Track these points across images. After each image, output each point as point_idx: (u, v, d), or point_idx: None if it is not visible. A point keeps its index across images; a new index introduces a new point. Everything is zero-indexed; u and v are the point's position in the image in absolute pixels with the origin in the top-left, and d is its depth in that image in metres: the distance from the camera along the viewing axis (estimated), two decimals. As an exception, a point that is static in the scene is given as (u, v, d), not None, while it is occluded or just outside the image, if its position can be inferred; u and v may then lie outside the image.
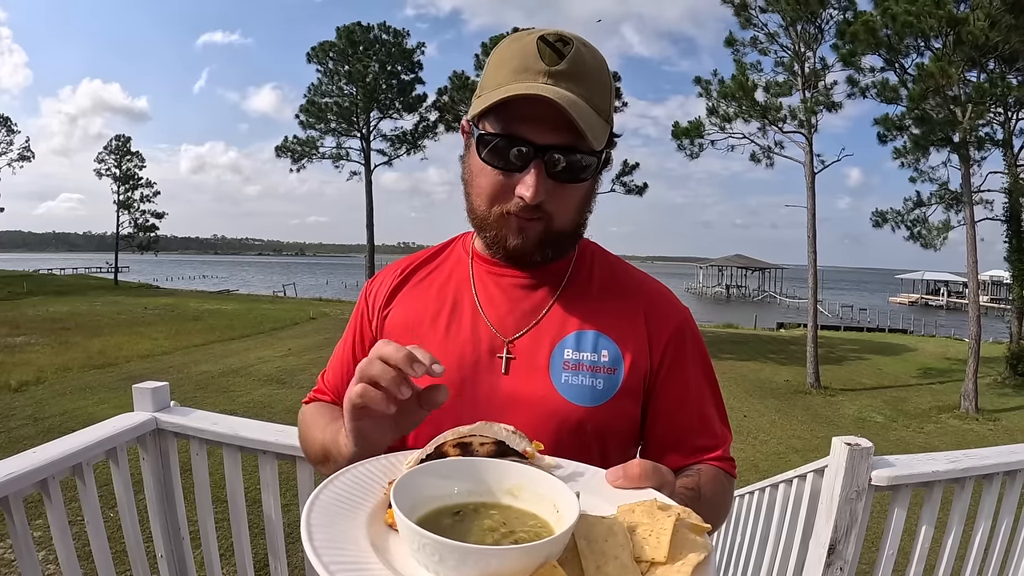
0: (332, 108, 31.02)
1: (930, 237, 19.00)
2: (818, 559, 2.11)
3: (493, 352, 1.11)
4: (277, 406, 11.55)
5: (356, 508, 0.72)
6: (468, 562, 0.57)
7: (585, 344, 1.10)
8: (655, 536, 0.64)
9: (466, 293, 1.17)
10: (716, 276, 68.10)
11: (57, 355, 15.38)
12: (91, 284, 44.85)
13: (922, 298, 58.71)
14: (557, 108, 0.93)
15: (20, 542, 1.76)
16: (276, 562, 2.29)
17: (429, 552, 0.58)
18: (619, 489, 0.81)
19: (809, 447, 10.86)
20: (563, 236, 1.08)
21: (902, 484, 2.13)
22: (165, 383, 2.30)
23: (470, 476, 0.74)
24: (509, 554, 0.58)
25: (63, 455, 1.87)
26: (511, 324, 1.12)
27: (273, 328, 22.86)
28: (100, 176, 44.52)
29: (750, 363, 20.54)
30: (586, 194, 1.08)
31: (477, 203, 1.06)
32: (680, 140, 20.69)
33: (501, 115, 0.99)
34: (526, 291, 1.15)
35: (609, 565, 0.62)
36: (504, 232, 1.05)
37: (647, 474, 0.81)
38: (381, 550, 0.65)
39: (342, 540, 0.64)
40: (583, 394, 1.07)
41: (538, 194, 0.98)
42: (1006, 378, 18.41)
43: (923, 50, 16.61)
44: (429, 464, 0.74)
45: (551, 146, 0.97)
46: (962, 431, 13.34)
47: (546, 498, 0.71)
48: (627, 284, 1.19)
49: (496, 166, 1.01)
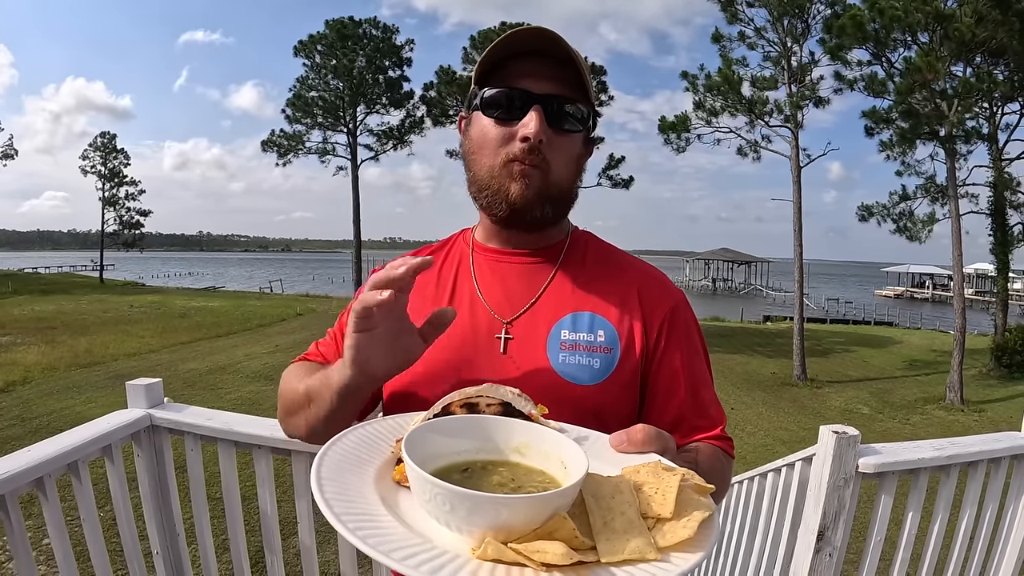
0: (319, 102, 30.88)
1: (915, 230, 19.19)
2: (807, 546, 2.15)
3: (491, 333, 1.15)
4: (266, 403, 11.52)
5: (364, 465, 0.74)
6: (479, 511, 0.58)
7: (581, 325, 1.14)
8: (661, 493, 0.66)
9: (466, 279, 1.23)
10: (702, 270, 68.25)
11: (43, 354, 15.23)
12: (76, 282, 44.40)
13: (907, 291, 59.06)
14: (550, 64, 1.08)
15: (17, 541, 1.76)
16: (272, 556, 2.30)
17: (440, 502, 0.59)
18: (623, 454, 0.83)
19: (796, 439, 10.93)
20: (560, 192, 1.14)
21: (888, 471, 2.17)
22: (159, 379, 2.31)
23: (478, 434, 0.75)
24: (519, 503, 0.59)
25: (59, 452, 1.87)
26: (508, 306, 1.17)
27: (260, 325, 22.73)
28: (85, 174, 44.09)
29: (737, 356, 20.64)
30: (579, 152, 1.17)
31: (481, 162, 1.14)
32: (667, 134, 20.75)
33: (502, 75, 1.10)
34: (523, 275, 1.21)
35: (616, 520, 0.63)
36: (506, 184, 1.11)
37: (651, 439, 0.83)
38: (390, 505, 0.67)
39: (351, 494, 0.66)
40: (580, 373, 1.11)
41: (540, 132, 1.06)
42: (991, 370, 18.58)
43: (910, 44, 16.72)
44: (438, 420, 0.74)
45: (549, 95, 1.08)
46: (948, 422, 13.45)
47: (553, 455, 0.72)
48: (622, 267, 1.24)
49: (499, 117, 1.10)
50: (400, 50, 32.04)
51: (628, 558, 0.59)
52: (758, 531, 2.83)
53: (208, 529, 2.35)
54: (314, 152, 31.89)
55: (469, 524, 0.59)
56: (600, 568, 0.59)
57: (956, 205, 17.20)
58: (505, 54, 1.09)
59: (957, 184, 17.47)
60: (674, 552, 0.62)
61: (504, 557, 0.58)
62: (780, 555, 2.44)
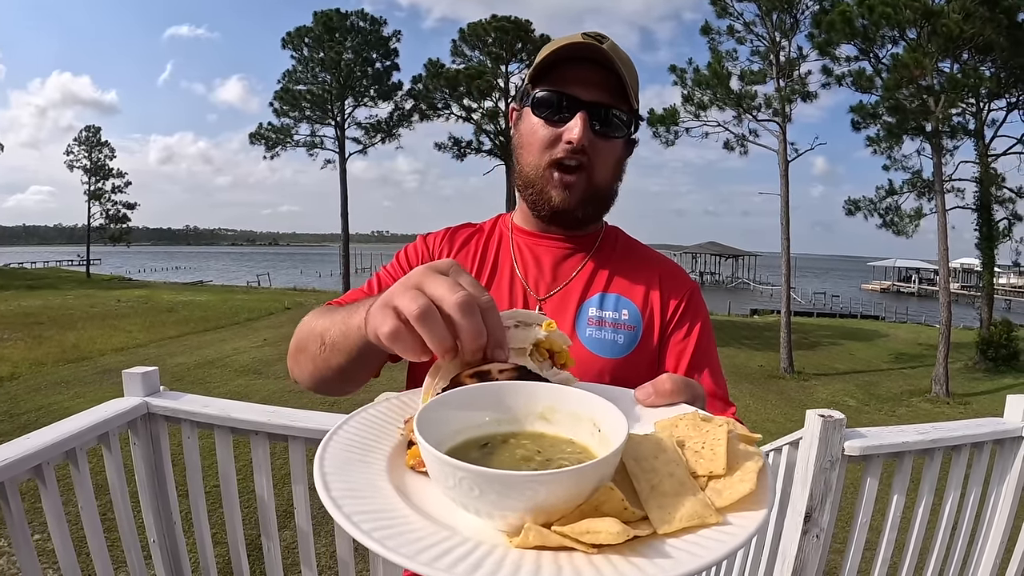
0: (306, 95, 30.72)
1: (902, 225, 19.33)
2: (795, 527, 2.19)
3: (527, 308, 1.22)
4: (254, 396, 11.46)
5: (372, 453, 0.66)
6: (512, 493, 0.50)
7: (608, 304, 1.26)
8: (709, 448, 0.58)
9: (506, 259, 1.33)
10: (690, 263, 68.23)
11: (31, 350, 15.10)
12: (63, 277, 44.00)
13: (894, 285, 59.37)
14: (599, 72, 1.14)
15: (16, 529, 1.77)
16: (269, 542, 2.31)
17: (467, 487, 0.51)
18: (651, 408, 0.77)
19: (783, 430, 10.89)
20: (600, 193, 1.24)
21: (873, 454, 2.22)
22: (155, 368, 2.32)
23: (495, 403, 0.66)
24: (559, 479, 0.50)
25: (57, 440, 1.89)
26: (544, 286, 1.29)
27: (248, 319, 22.62)
28: (71, 168, 43.64)
29: (724, 349, 20.69)
30: (620, 157, 1.25)
31: (528, 159, 1.22)
32: (655, 127, 20.78)
33: (553, 79, 1.18)
34: (559, 258, 1.31)
35: (664, 483, 0.55)
36: (549, 188, 1.20)
37: (679, 388, 0.77)
38: (407, 495, 0.59)
39: (362, 488, 0.58)
40: (605, 347, 1.21)
41: (583, 137, 1.14)
42: (976, 363, 18.78)
43: (898, 40, 16.84)
44: (448, 394, 0.65)
45: (594, 102, 1.16)
46: (933, 414, 13.59)
47: (583, 417, 0.63)
48: (646, 258, 1.36)
49: (547, 119, 1.18)
50: (388, 42, 31.90)
51: (687, 525, 0.51)
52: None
53: (205, 517, 2.36)
54: (302, 145, 31.74)
55: (502, 508, 0.51)
56: (657, 540, 0.51)
57: (942, 200, 17.37)
58: (559, 57, 1.16)
59: (943, 179, 17.64)
60: (735, 512, 0.54)
61: (549, 542, 0.49)
62: (768, 536, 2.48)
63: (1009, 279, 49.87)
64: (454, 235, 1.38)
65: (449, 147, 28.77)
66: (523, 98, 1.24)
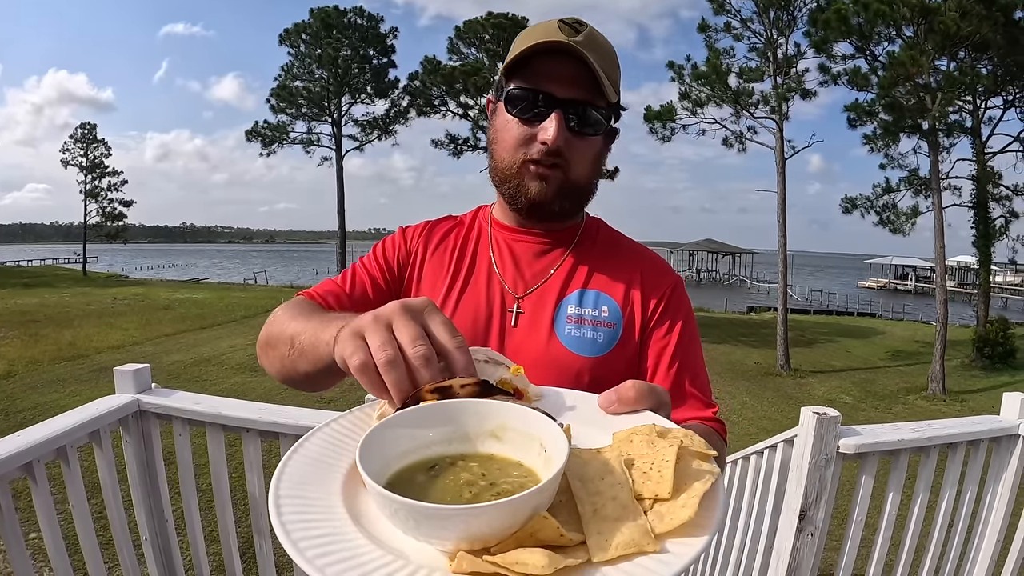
0: (303, 92, 30.65)
1: (899, 222, 19.36)
2: (790, 525, 2.18)
3: (505, 308, 1.22)
4: (250, 394, 11.45)
5: (330, 472, 0.64)
6: (447, 524, 0.51)
7: (587, 301, 1.22)
8: (656, 469, 0.58)
9: (484, 255, 1.30)
10: (687, 260, 68.28)
11: (27, 348, 15.08)
12: (59, 275, 43.93)
13: (891, 282, 59.41)
14: (575, 66, 1.08)
15: (7, 527, 1.76)
16: (261, 540, 2.31)
17: (403, 517, 0.52)
18: (614, 416, 0.75)
19: (780, 428, 10.88)
20: (577, 188, 1.19)
21: (869, 452, 2.21)
22: (146, 365, 2.31)
23: (446, 422, 0.65)
24: (491, 511, 0.50)
25: (47, 437, 1.88)
26: (522, 283, 1.25)
27: (244, 316, 22.59)
28: (66, 166, 43.50)
29: (721, 346, 20.73)
30: (598, 152, 1.21)
31: (502, 155, 1.17)
32: (652, 124, 20.80)
33: (526, 74, 1.12)
34: (537, 254, 1.28)
35: (607, 507, 0.55)
36: (525, 182, 1.16)
37: (643, 395, 0.76)
38: (360, 517, 0.59)
39: (315, 511, 0.58)
40: (584, 345, 1.18)
41: (558, 138, 1.10)
42: (973, 360, 18.80)
43: (894, 38, 16.84)
44: (398, 415, 0.65)
45: (570, 99, 1.11)
46: (930, 412, 13.61)
47: (533, 436, 0.63)
48: (628, 252, 1.31)
49: (521, 117, 1.13)
50: (385, 38, 31.84)
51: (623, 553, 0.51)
52: (741, 512, 2.87)
53: (197, 515, 2.35)
54: (299, 142, 31.67)
55: (439, 537, 0.52)
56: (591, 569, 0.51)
57: (939, 198, 17.38)
58: (535, 51, 1.11)
59: (940, 177, 17.65)
60: (674, 539, 0.53)
61: (481, 570, 0.50)
62: (764, 534, 2.48)
63: (1005, 277, 49.90)
64: (432, 229, 1.35)
65: (445, 144, 28.68)
66: (498, 91, 1.19)
